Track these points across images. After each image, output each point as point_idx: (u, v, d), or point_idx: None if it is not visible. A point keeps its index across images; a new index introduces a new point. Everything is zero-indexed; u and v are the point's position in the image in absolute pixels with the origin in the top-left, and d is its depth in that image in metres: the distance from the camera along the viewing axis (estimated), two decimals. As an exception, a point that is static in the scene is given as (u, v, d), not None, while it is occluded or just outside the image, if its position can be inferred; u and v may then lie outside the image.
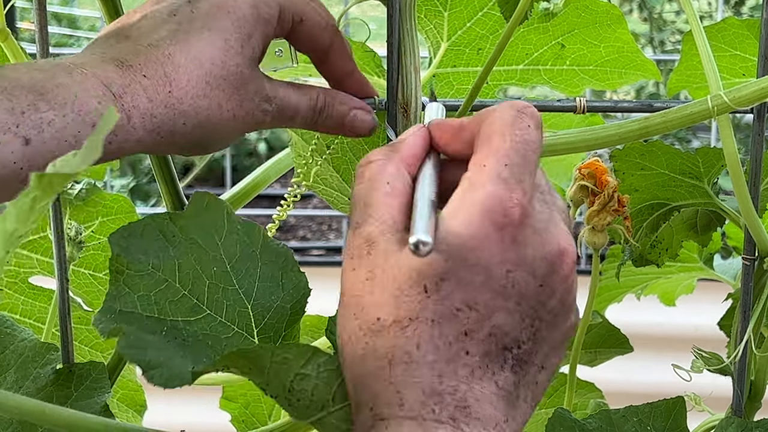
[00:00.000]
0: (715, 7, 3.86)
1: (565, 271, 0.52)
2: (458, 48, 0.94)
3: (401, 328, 0.50)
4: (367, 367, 0.51)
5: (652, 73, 0.96)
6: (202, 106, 0.64)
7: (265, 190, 0.93)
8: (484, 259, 0.50)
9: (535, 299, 0.52)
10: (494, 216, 0.50)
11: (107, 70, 0.61)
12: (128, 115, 0.60)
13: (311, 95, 0.70)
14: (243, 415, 1.08)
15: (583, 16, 0.93)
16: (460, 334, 0.50)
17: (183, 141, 0.65)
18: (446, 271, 0.50)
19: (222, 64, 0.64)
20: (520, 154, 0.52)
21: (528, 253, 0.51)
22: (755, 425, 0.77)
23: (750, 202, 0.78)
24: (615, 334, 0.98)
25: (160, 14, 0.66)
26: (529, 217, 0.51)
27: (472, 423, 0.49)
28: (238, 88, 0.65)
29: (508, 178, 0.51)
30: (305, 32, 0.69)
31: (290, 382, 0.54)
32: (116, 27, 0.66)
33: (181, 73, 0.63)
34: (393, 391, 0.50)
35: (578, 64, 0.96)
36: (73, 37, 4.12)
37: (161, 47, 0.63)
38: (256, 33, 0.66)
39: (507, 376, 0.51)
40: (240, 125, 0.67)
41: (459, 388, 0.50)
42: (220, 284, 0.62)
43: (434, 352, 0.50)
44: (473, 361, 0.50)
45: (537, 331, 0.52)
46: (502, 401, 0.51)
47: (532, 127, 0.54)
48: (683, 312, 1.71)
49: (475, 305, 0.50)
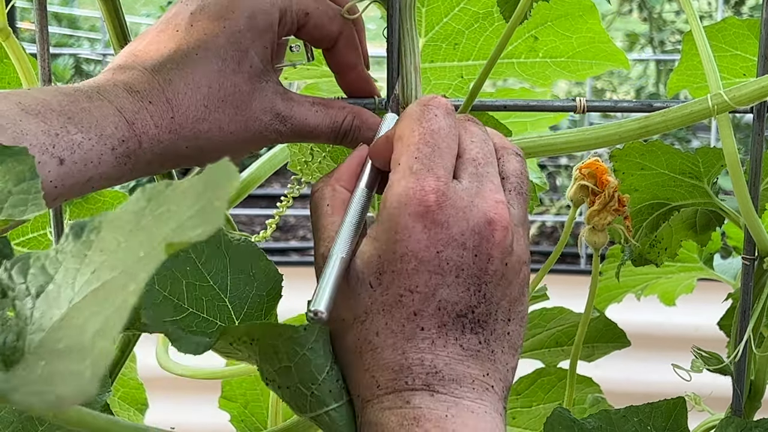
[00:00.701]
0: (715, 7, 3.86)
1: (496, 238, 0.57)
2: (435, 43, 0.95)
3: (360, 322, 0.57)
4: (346, 361, 0.58)
5: (622, 62, 0.97)
6: (202, 130, 0.65)
7: (264, 190, 0.94)
8: (412, 248, 0.56)
9: (474, 268, 0.56)
10: (410, 208, 0.56)
11: (119, 96, 0.62)
12: (140, 140, 0.62)
13: (335, 117, 0.69)
14: (242, 414, 1.08)
15: (555, 8, 0.93)
16: (411, 314, 0.56)
17: (188, 161, 0.66)
18: (381, 265, 0.57)
19: (218, 86, 0.64)
20: (429, 144, 0.58)
21: (454, 231, 0.56)
22: (755, 425, 0.77)
23: (750, 202, 0.78)
24: (612, 329, 0.98)
25: (164, 36, 0.66)
26: (449, 198, 0.56)
27: (447, 384, 0.55)
28: (240, 108, 0.65)
29: (420, 169, 0.57)
30: (311, 25, 0.68)
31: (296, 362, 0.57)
32: (128, 50, 0.67)
33: (181, 99, 0.64)
34: (369, 377, 0.56)
35: (551, 56, 0.96)
36: (73, 37, 4.12)
37: (162, 72, 0.64)
38: (255, 45, 0.66)
39: (470, 338, 0.56)
40: (247, 144, 0.67)
41: (425, 358, 0.55)
42: (196, 282, 0.64)
43: (392, 336, 0.56)
44: (431, 334, 0.56)
45: (486, 293, 0.57)
46: (473, 359, 0.56)
47: (439, 116, 0.59)
48: (683, 312, 1.72)
49: (416, 288, 0.56)
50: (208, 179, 0.36)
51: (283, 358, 0.57)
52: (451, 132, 0.59)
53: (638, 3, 3.79)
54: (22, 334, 0.39)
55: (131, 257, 0.36)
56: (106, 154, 0.61)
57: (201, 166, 0.69)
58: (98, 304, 0.35)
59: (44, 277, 0.41)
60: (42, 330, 0.38)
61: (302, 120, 0.68)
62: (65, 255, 0.40)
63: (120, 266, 0.36)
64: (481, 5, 0.93)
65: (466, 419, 0.54)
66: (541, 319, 0.95)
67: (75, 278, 0.38)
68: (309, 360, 0.57)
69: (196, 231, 0.34)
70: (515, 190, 0.60)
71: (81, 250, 0.39)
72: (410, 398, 0.55)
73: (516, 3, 0.75)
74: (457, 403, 0.55)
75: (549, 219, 3.76)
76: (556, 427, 0.75)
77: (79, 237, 0.40)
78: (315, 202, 0.62)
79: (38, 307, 0.40)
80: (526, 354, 0.99)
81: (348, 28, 0.70)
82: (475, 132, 0.61)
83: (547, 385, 0.99)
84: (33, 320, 0.39)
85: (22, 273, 0.41)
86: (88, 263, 0.38)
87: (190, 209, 0.35)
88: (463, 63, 0.96)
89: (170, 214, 0.36)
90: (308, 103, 0.68)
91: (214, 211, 0.34)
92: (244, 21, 0.65)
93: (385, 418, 0.55)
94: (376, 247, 0.57)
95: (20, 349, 0.39)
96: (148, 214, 0.37)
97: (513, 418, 0.99)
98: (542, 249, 3.73)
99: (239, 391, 1.07)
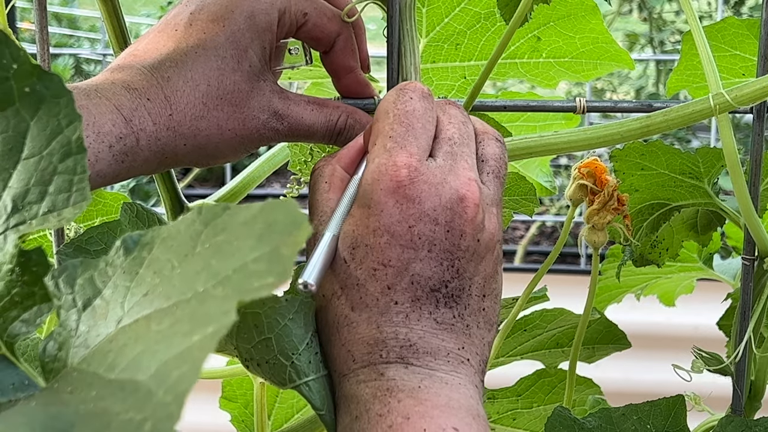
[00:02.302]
0: (714, 7, 3.86)
1: (469, 214, 0.58)
2: (437, 44, 0.95)
3: (337, 297, 0.58)
4: (325, 337, 0.59)
5: (626, 62, 0.97)
6: (201, 128, 0.65)
7: (264, 190, 0.94)
8: (385, 222, 0.57)
9: (447, 243, 0.57)
10: (383, 183, 0.57)
11: (117, 93, 0.63)
12: (137, 137, 0.62)
13: (330, 116, 0.70)
14: (243, 414, 1.08)
15: (558, 8, 0.93)
16: (384, 288, 0.57)
17: (186, 160, 0.66)
18: (355, 239, 0.58)
19: (218, 84, 0.65)
20: (402, 124, 0.59)
21: (426, 206, 0.57)
22: (754, 423, 0.77)
23: (750, 202, 0.78)
24: (613, 330, 0.98)
25: (163, 36, 0.66)
26: (421, 174, 0.57)
27: (421, 357, 0.56)
28: (239, 106, 0.66)
29: (393, 147, 0.58)
30: (310, 25, 0.69)
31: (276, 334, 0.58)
32: (127, 51, 0.68)
33: (179, 96, 0.64)
34: (345, 351, 0.57)
35: (554, 57, 0.96)
36: (73, 37, 4.12)
37: (161, 70, 0.64)
38: (254, 45, 0.66)
39: (444, 312, 0.57)
40: (245, 143, 0.67)
41: (399, 332, 0.56)
42: None
43: (366, 310, 0.57)
44: (404, 308, 0.57)
45: (459, 268, 0.58)
46: (448, 333, 0.57)
47: (414, 99, 0.61)
48: (683, 312, 1.72)
49: (389, 262, 0.57)
50: (269, 217, 0.35)
51: (264, 330, 0.57)
52: (426, 113, 0.60)
53: (638, 3, 3.79)
54: (65, 345, 0.39)
55: (188, 288, 0.34)
56: (104, 152, 0.61)
57: (199, 166, 0.69)
58: (154, 341, 0.33)
59: (92, 289, 0.40)
60: (87, 346, 0.38)
61: (299, 118, 0.68)
62: (115, 269, 0.39)
63: (175, 296, 0.35)
64: (482, 5, 0.93)
65: (439, 389, 0.55)
66: (542, 321, 0.95)
67: (125, 296, 0.38)
68: (290, 330, 0.57)
69: (264, 279, 0.32)
70: (493, 173, 0.62)
71: (132, 266, 0.38)
72: (384, 371, 0.56)
73: (516, 5, 0.75)
74: (431, 375, 0.56)
75: (549, 219, 3.76)
76: (556, 427, 0.75)
77: (130, 252, 0.39)
78: (314, 179, 0.63)
79: (84, 320, 0.39)
80: (527, 355, 0.99)
81: (346, 30, 0.70)
82: (453, 114, 0.62)
83: (547, 386, 0.99)
84: (78, 333, 0.39)
85: (69, 283, 0.41)
86: (139, 282, 0.38)
87: (255, 250, 0.34)
88: (465, 63, 0.96)
89: (231, 248, 0.35)
90: (304, 102, 0.69)
91: (282, 260, 0.33)
92: (243, 20, 0.66)
93: (360, 391, 0.56)
94: (350, 223, 0.58)
95: (62, 360, 0.38)
96: (205, 241, 0.36)
97: (513, 419, 0.99)
98: (542, 249, 3.73)
99: (240, 391, 1.07)
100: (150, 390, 0.30)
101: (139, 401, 0.30)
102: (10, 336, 0.40)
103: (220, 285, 0.33)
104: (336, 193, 0.61)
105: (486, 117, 0.83)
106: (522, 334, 0.96)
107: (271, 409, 1.08)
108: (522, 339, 0.97)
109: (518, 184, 0.90)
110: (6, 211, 0.41)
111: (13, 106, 0.41)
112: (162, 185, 0.83)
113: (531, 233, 3.70)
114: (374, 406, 0.54)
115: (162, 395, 0.30)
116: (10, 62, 0.40)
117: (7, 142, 0.41)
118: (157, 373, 0.31)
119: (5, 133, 0.41)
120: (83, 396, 0.33)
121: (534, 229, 3.74)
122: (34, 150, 0.41)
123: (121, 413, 0.30)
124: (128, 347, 0.34)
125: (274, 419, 1.07)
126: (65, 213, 0.41)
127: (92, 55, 3.83)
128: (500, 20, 0.93)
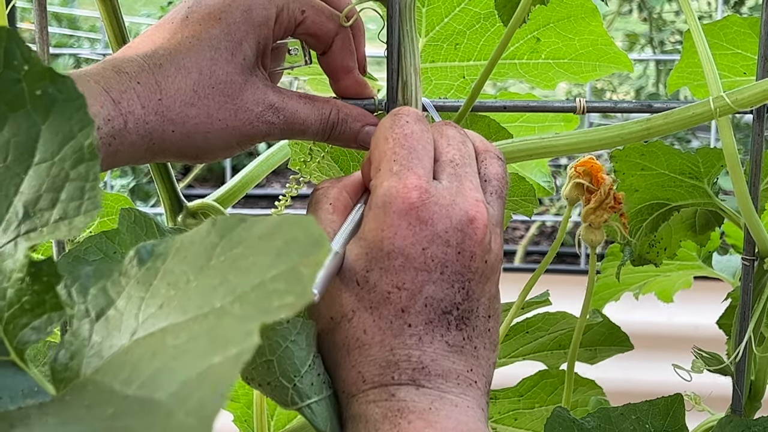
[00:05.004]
0: (714, 7, 3.86)
1: (478, 235, 0.58)
2: (436, 43, 0.95)
3: (348, 320, 0.57)
4: (334, 359, 0.58)
5: (625, 65, 0.97)
6: (190, 115, 0.65)
7: (264, 190, 0.94)
8: (398, 245, 0.57)
9: (458, 265, 0.57)
10: (395, 206, 0.57)
11: (107, 77, 0.63)
12: (125, 119, 0.62)
13: (323, 110, 0.70)
14: (245, 415, 1.08)
15: (558, 10, 0.93)
16: (398, 311, 0.57)
17: (174, 148, 0.66)
18: (369, 263, 0.57)
19: (210, 73, 0.65)
20: (404, 147, 0.59)
21: (438, 228, 0.57)
22: (753, 423, 0.77)
23: (750, 202, 0.78)
24: (615, 332, 0.98)
25: (159, 30, 0.67)
26: (432, 195, 0.58)
27: (432, 379, 0.56)
28: (231, 97, 0.66)
29: (399, 170, 0.58)
30: (308, 22, 0.69)
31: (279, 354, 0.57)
32: (125, 46, 0.68)
33: (170, 82, 0.64)
34: (355, 372, 0.57)
35: (553, 58, 0.96)
36: (73, 37, 4.12)
37: (154, 57, 0.65)
38: (249, 38, 0.66)
39: (455, 335, 0.57)
40: (237, 135, 0.67)
41: (412, 354, 0.56)
42: None
43: (380, 333, 0.57)
44: (418, 331, 0.57)
45: (469, 290, 0.58)
46: (458, 355, 0.57)
47: (410, 122, 0.61)
48: (683, 312, 1.72)
49: (403, 285, 0.57)
50: (288, 235, 0.34)
51: (265, 352, 0.57)
52: (423, 135, 0.61)
53: (638, 3, 3.78)
54: (78, 355, 0.38)
55: (204, 302, 0.34)
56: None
57: (190, 160, 0.68)
58: (171, 356, 0.32)
59: (105, 299, 0.39)
60: (101, 357, 0.37)
61: (294, 112, 0.68)
62: (129, 279, 0.39)
63: (192, 310, 0.34)
64: (482, 6, 0.93)
65: (450, 412, 0.55)
66: (544, 323, 0.96)
67: (140, 308, 0.37)
68: (292, 352, 0.57)
69: (284, 299, 0.31)
70: (496, 194, 0.62)
71: (146, 277, 0.38)
72: (395, 391, 0.55)
73: (514, 7, 0.75)
74: (441, 396, 0.56)
75: (549, 219, 3.76)
76: (555, 427, 0.75)
77: (144, 262, 0.38)
78: (317, 198, 0.63)
79: (97, 330, 0.38)
80: (529, 356, 0.99)
81: (345, 30, 0.70)
82: (451, 135, 0.62)
83: (549, 387, 0.99)
84: (92, 343, 0.38)
85: (82, 292, 0.40)
86: (153, 294, 0.37)
87: (273, 267, 0.33)
88: (464, 63, 0.96)
89: (247, 264, 0.34)
90: (297, 96, 0.69)
91: (302, 280, 0.32)
92: (239, 14, 0.66)
93: (370, 410, 0.55)
94: (362, 246, 0.58)
95: (74, 370, 0.38)
96: (221, 254, 0.35)
97: (515, 419, 1.00)
98: (542, 249, 3.73)
99: (242, 391, 1.07)
100: (170, 410, 0.30)
101: (158, 421, 0.29)
102: (20, 343, 0.39)
103: (238, 302, 0.32)
104: (339, 216, 0.61)
105: (487, 119, 0.83)
106: (524, 336, 0.96)
107: (273, 409, 1.08)
108: (524, 341, 0.97)
109: (517, 184, 0.90)
110: (18, 216, 0.40)
111: (25, 108, 0.40)
112: (161, 185, 0.83)
113: (531, 233, 3.70)
114: (384, 426, 0.54)
115: (183, 417, 0.29)
116: (21, 63, 0.39)
117: (18, 146, 0.40)
118: (177, 392, 0.30)
119: (16, 137, 0.40)
120: (100, 412, 0.32)
121: (534, 229, 3.75)
122: (45, 155, 0.40)
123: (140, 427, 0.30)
124: (144, 362, 0.34)
125: (276, 420, 1.07)
126: (76, 221, 0.40)
127: (92, 55, 3.83)
128: (500, 21, 0.93)
